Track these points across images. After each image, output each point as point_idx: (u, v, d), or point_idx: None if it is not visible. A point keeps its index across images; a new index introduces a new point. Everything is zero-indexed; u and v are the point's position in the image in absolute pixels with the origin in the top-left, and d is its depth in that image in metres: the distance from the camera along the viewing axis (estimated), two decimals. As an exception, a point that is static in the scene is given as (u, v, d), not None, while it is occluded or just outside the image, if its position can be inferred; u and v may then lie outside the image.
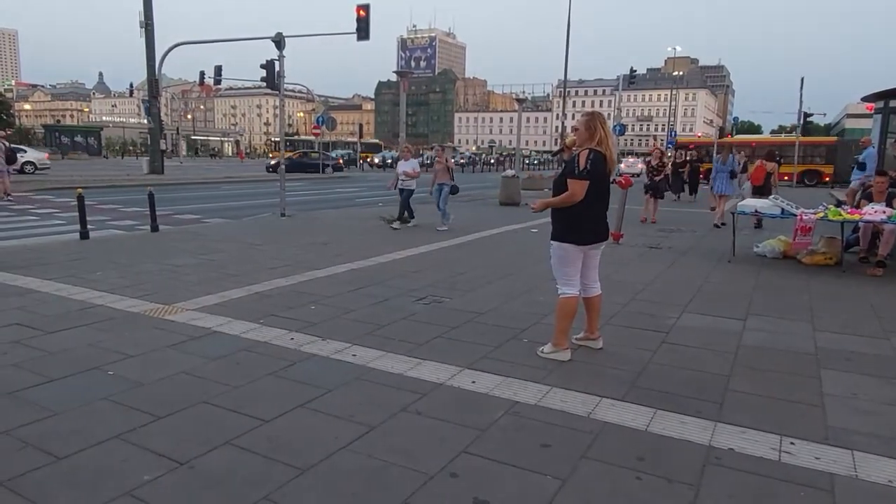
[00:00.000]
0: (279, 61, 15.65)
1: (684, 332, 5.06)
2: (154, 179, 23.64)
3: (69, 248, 8.70)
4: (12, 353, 4.15)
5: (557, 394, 3.69)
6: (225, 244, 9.09)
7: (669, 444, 3.08)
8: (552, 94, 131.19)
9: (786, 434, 3.19)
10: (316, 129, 41.18)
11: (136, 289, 6.10)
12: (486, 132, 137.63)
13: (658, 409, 3.47)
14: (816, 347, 4.73)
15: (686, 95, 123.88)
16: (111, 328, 4.80)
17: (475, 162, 55.49)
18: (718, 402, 3.63)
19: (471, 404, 3.53)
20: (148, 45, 27.60)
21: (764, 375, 4.11)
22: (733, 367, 4.26)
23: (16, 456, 2.82)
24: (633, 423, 3.30)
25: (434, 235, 10.43)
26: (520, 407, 3.50)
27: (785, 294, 6.60)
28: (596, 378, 3.97)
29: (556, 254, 4.31)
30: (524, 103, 22.63)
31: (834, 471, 2.85)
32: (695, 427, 3.27)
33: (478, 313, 5.47)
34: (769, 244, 9.03)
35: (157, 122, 29.43)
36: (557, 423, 3.29)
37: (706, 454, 2.99)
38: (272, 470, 2.75)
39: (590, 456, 2.95)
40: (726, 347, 4.67)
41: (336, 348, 4.42)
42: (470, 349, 4.47)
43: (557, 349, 4.31)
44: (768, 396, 3.75)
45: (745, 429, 3.25)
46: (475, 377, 3.93)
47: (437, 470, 2.77)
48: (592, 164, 4.06)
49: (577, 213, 4.17)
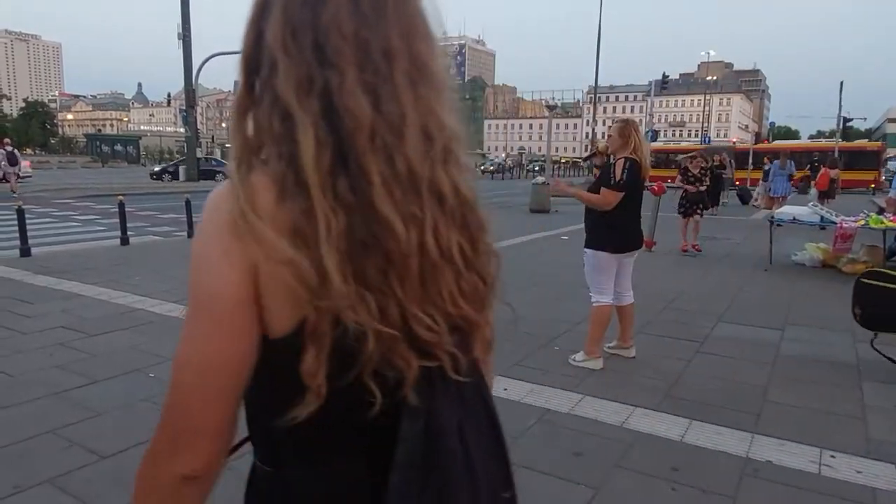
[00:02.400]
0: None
1: (720, 342, 4.98)
2: (190, 187, 24.22)
3: (110, 253, 8.97)
4: (58, 355, 4.30)
5: (590, 402, 3.67)
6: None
7: (705, 456, 3.04)
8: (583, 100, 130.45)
9: (826, 447, 3.12)
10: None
11: (173, 293, 6.26)
12: (516, 139, 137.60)
13: (693, 420, 3.42)
14: (858, 358, 4.60)
15: (720, 100, 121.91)
16: (151, 331, 4.94)
17: (503, 170, 55.36)
18: (756, 413, 3.56)
19: (503, 411, 3.47)
20: (185, 56, 28.32)
21: (803, 386, 4.02)
22: (771, 377, 4.17)
23: (62, 455, 2.93)
24: (667, 434, 3.27)
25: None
26: (552, 415, 3.49)
27: (824, 303, 6.44)
28: (629, 387, 3.94)
29: (589, 261, 4.29)
30: (554, 110, 22.57)
31: (876, 485, 2.77)
32: (731, 438, 3.21)
33: (509, 321, 5.45)
34: (808, 252, 8.82)
35: (193, 130, 30.15)
36: (590, 432, 3.27)
37: (743, 466, 2.94)
38: (307, 473, 2.79)
39: (623, 465, 2.93)
40: (764, 358, 4.58)
41: (368, 354, 4.46)
42: (501, 356, 4.46)
43: (590, 358, 4.28)
44: (808, 408, 3.66)
45: (783, 441, 3.19)
46: (507, 384, 3.93)
47: (469, 476, 2.78)
48: (629, 175, 4.05)
49: (610, 221, 4.15)
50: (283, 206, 0.66)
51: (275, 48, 0.68)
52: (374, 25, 0.68)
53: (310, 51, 0.67)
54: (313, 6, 0.68)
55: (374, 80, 0.67)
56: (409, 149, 0.68)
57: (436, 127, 0.71)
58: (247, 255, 0.66)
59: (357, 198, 0.66)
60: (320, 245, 0.64)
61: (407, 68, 0.69)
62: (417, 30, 0.71)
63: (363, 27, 0.68)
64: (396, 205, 0.67)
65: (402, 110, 0.68)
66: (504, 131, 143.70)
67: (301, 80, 0.67)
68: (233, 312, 0.67)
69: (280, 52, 0.68)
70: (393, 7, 0.70)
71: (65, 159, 63.55)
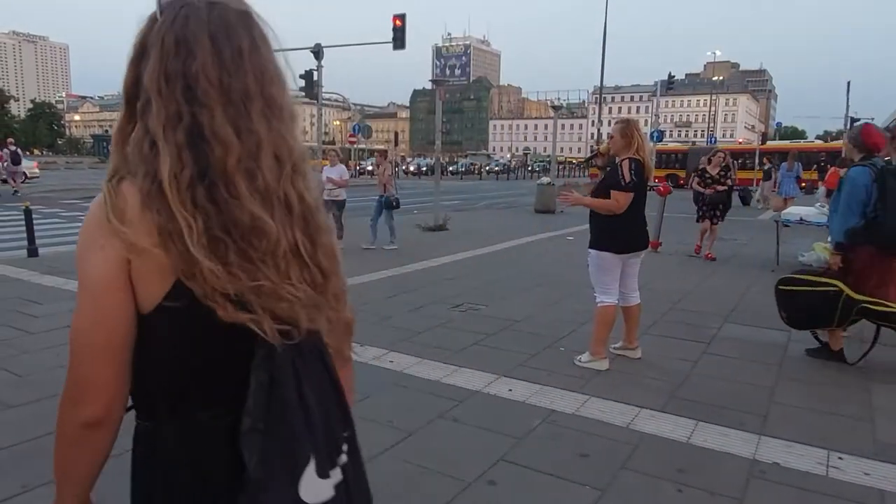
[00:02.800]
0: (318, 71, 16.00)
1: (726, 343, 4.96)
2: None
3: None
4: (65, 355, 4.29)
5: (595, 403, 3.66)
6: None
7: (711, 457, 3.03)
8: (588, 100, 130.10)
9: (833, 448, 3.10)
10: (352, 137, 41.75)
11: (180, 294, 6.28)
12: (521, 139, 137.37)
13: (699, 421, 3.41)
14: (865, 360, 4.57)
15: (727, 100, 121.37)
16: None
17: (508, 170, 55.32)
18: (762, 414, 3.55)
19: (508, 412, 3.53)
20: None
21: (810, 388, 4.00)
22: (778, 378, 4.15)
23: (70, 453, 2.94)
24: (673, 435, 3.26)
25: (467, 242, 10.45)
26: (557, 416, 3.49)
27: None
28: (635, 388, 3.93)
29: (594, 262, 4.28)
30: (559, 110, 22.56)
31: (884, 487, 2.76)
32: (738, 440, 3.20)
33: (514, 321, 5.46)
34: (815, 253, 8.76)
35: (199, 131, 30.24)
36: (596, 433, 3.27)
37: (750, 467, 2.92)
38: (313, 473, 2.80)
39: (629, 467, 2.92)
40: (770, 359, 4.56)
41: (374, 354, 4.47)
42: (506, 357, 4.47)
43: (595, 358, 4.27)
44: (815, 409, 3.65)
45: (790, 442, 3.17)
46: (512, 385, 3.93)
47: (474, 477, 2.78)
48: (635, 174, 4.04)
49: (615, 222, 4.15)
50: (147, 211, 0.84)
51: (150, 90, 0.86)
52: (234, 73, 0.87)
53: (180, 93, 0.85)
54: (184, 58, 0.86)
55: (235, 116, 0.87)
56: (264, 169, 0.88)
57: (285, 151, 0.91)
58: (117, 249, 0.85)
59: (217, 206, 0.84)
60: (186, 239, 0.82)
61: (261, 106, 0.89)
62: (269, 76, 0.91)
63: (225, 75, 0.87)
64: (263, 209, 0.87)
65: (258, 139, 0.88)
66: (509, 132, 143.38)
67: (170, 117, 0.85)
68: (109, 292, 0.86)
69: (154, 94, 0.86)
70: (248, 59, 0.89)
71: (72, 160, 63.96)
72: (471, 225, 13.67)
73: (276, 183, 0.89)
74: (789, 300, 4.55)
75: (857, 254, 4.33)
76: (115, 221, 0.84)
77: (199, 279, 0.83)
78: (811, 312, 4.45)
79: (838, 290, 4.26)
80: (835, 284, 4.29)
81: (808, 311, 4.45)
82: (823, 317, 4.38)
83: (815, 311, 4.41)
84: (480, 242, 10.59)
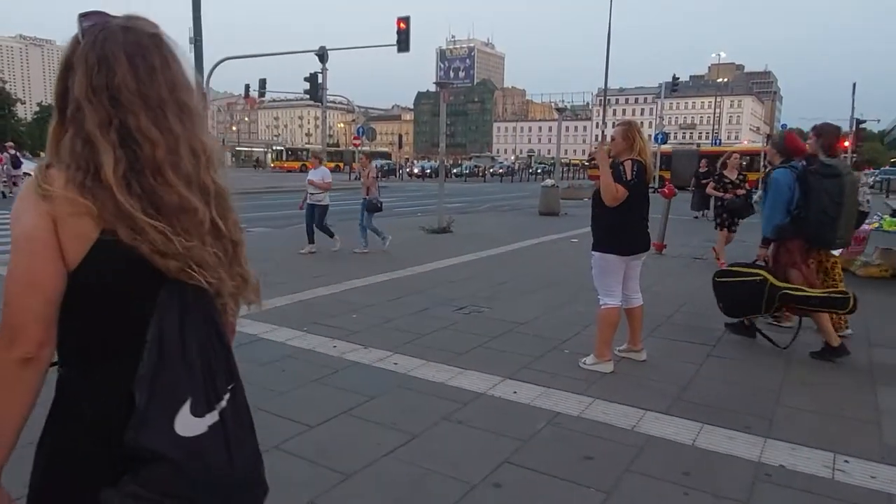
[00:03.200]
0: (322, 74, 16.05)
1: (731, 345, 4.94)
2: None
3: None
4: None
5: (600, 406, 3.65)
6: (269, 253, 9.30)
7: (717, 460, 3.02)
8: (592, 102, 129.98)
9: (839, 451, 3.09)
10: (356, 139, 41.85)
11: (185, 296, 6.30)
12: (525, 141, 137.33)
13: (704, 424, 3.40)
14: (871, 363, 4.56)
15: (731, 102, 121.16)
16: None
17: (512, 172, 55.34)
18: (768, 417, 3.53)
19: (512, 414, 3.53)
20: (197, 60, 28.35)
21: (816, 390, 3.98)
22: (783, 381, 4.14)
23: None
24: (678, 438, 3.25)
25: (470, 245, 10.46)
26: (562, 418, 3.48)
27: (837, 307, 6.38)
28: (640, 390, 3.92)
29: (597, 264, 4.28)
30: (563, 112, 22.55)
31: (891, 490, 2.74)
32: (743, 442, 3.19)
33: (518, 323, 5.46)
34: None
35: (204, 134, 30.32)
36: (600, 436, 3.26)
37: (755, 470, 2.91)
38: (318, 474, 2.80)
39: (634, 469, 2.91)
40: (776, 361, 4.55)
41: (378, 356, 4.47)
42: (511, 359, 4.47)
43: (600, 360, 4.27)
44: (821, 412, 3.63)
45: (796, 445, 3.16)
46: (516, 387, 3.93)
47: (479, 479, 2.78)
48: (637, 175, 4.06)
49: (617, 224, 4.15)
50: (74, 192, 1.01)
51: (81, 100, 1.04)
52: (149, 84, 1.06)
53: (107, 102, 1.04)
54: (106, 73, 1.04)
55: (155, 118, 1.06)
56: (185, 161, 1.08)
57: (199, 146, 1.11)
58: (45, 213, 1.01)
59: (150, 191, 1.04)
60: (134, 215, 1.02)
61: (175, 111, 1.08)
62: (179, 85, 1.10)
63: (142, 85, 1.06)
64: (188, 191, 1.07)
65: (176, 137, 1.07)
66: (513, 134, 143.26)
67: (102, 121, 1.03)
68: (40, 246, 1.01)
69: (85, 103, 1.04)
70: (160, 72, 1.08)
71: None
72: (475, 227, 13.68)
73: (194, 172, 1.09)
74: (724, 291, 4.89)
75: (783, 247, 4.79)
76: (44, 192, 1.02)
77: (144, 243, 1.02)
78: (742, 301, 4.80)
79: (763, 278, 4.63)
80: (760, 274, 4.66)
81: (740, 300, 4.81)
82: (753, 305, 4.72)
83: (745, 300, 4.77)
84: (484, 245, 10.59)
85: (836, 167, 4.69)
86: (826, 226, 4.59)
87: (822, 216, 4.57)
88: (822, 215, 4.57)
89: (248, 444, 1.15)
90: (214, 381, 1.07)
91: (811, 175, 4.67)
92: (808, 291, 4.54)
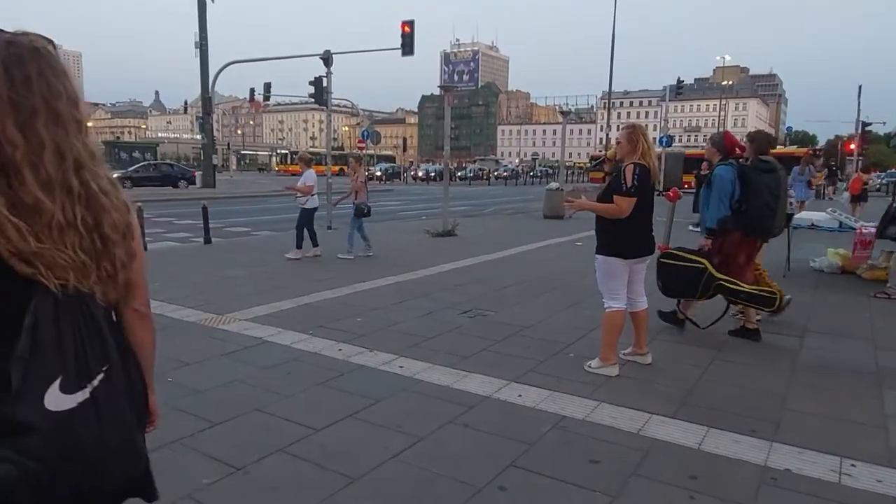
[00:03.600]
0: (327, 77, 16.07)
1: (737, 349, 4.93)
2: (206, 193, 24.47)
3: (129, 259, 9.07)
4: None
5: (606, 409, 3.65)
6: (274, 256, 9.33)
7: (723, 464, 3.02)
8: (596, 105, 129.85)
9: (846, 455, 3.08)
10: (361, 142, 41.95)
11: (191, 299, 6.33)
12: (529, 145, 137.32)
13: (710, 428, 3.40)
14: (878, 366, 4.54)
15: (736, 105, 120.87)
16: (170, 336, 4.99)
17: (517, 175, 55.35)
18: (774, 421, 3.53)
19: (517, 418, 3.53)
20: (202, 65, 28.65)
21: (822, 394, 3.97)
22: (789, 385, 4.13)
23: (84, 457, 2.97)
24: (684, 441, 3.24)
25: (475, 248, 10.46)
26: (567, 422, 3.48)
27: (844, 311, 6.36)
28: (645, 394, 3.92)
29: (601, 268, 4.28)
30: (568, 115, 22.53)
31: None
32: (749, 446, 3.18)
33: (523, 327, 5.46)
34: (827, 259, 8.72)
35: (210, 137, 30.43)
36: (606, 440, 3.26)
37: (762, 474, 2.91)
38: (324, 478, 2.81)
39: (640, 473, 2.91)
40: (782, 365, 4.54)
41: (383, 360, 4.48)
42: (516, 363, 4.47)
43: (605, 364, 4.27)
44: (827, 416, 3.62)
45: (802, 449, 3.15)
46: (521, 391, 3.93)
47: (485, 483, 2.78)
48: (639, 180, 4.05)
49: (622, 227, 4.14)
50: None
51: None
52: (23, 93, 1.13)
53: None
54: None
55: (24, 125, 1.13)
56: (46, 163, 1.14)
57: (68, 149, 1.17)
58: None
59: (10, 190, 1.11)
60: None
61: (48, 119, 1.15)
62: (55, 93, 1.17)
63: (14, 94, 1.12)
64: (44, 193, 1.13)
65: (41, 142, 1.14)
66: (517, 137, 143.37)
67: None
68: None
69: None
70: (36, 82, 1.15)
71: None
72: (479, 231, 13.68)
73: (57, 173, 1.16)
74: (666, 272, 5.20)
75: (726, 238, 5.13)
76: None
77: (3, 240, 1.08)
78: (681, 284, 5.14)
79: (704, 267, 4.99)
80: (702, 262, 5.02)
81: (679, 282, 5.14)
82: (690, 289, 5.09)
83: (683, 284, 5.11)
84: (489, 248, 10.59)
85: (772, 162, 5.21)
86: (767, 217, 5.07)
87: (764, 209, 5.03)
88: (764, 208, 5.03)
89: (123, 420, 1.22)
90: (87, 362, 1.16)
91: (750, 170, 5.15)
92: (741, 286, 4.91)
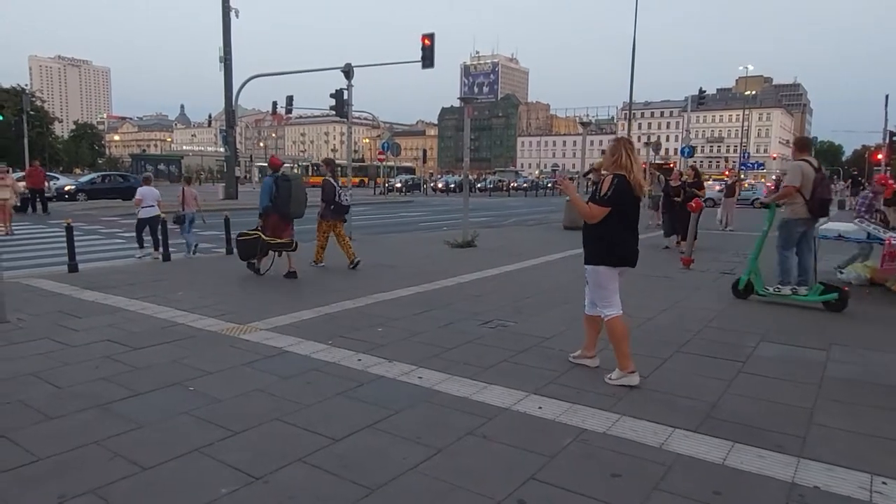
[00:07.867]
0: (347, 90, 16.26)
1: (762, 362, 4.83)
2: (229, 204, 24.80)
3: (153, 269, 9.23)
4: (103, 368, 4.43)
5: (627, 422, 3.60)
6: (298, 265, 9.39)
7: (748, 480, 2.94)
8: (617, 116, 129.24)
9: (877, 472, 2.99)
10: (381, 154, 42.24)
11: (213, 308, 6.40)
12: (549, 156, 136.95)
13: (735, 443, 3.32)
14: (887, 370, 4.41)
15: (760, 115, 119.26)
16: (192, 346, 5.05)
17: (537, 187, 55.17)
18: (801, 436, 3.44)
19: (538, 430, 3.50)
20: (226, 79, 29.17)
21: (851, 409, 3.87)
22: (817, 399, 4.03)
23: (108, 465, 3.00)
24: (708, 456, 3.18)
25: (495, 259, 10.43)
26: (588, 434, 3.43)
27: (872, 323, 6.21)
28: (668, 408, 3.85)
29: (591, 278, 4.38)
30: (588, 126, 22.47)
31: (934, 515, 2.64)
32: (776, 462, 3.11)
33: (543, 338, 5.42)
34: (854, 269, 8.53)
35: (232, 150, 30.93)
36: (628, 453, 3.21)
37: (789, 491, 2.83)
38: (342, 488, 2.80)
39: (663, 488, 2.86)
40: (809, 379, 4.43)
41: (402, 370, 4.48)
42: (536, 374, 4.43)
43: (625, 374, 4.23)
44: (857, 432, 3.52)
45: (831, 465, 3.07)
46: (542, 403, 3.89)
47: (504, 496, 2.75)
48: (615, 191, 4.15)
49: (606, 238, 4.25)
50: None
51: None
52: None
53: None
54: None
55: None
56: None
57: None
58: None
59: None
60: None
61: None
62: None
63: None
64: None
65: None
66: (537, 148, 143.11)
67: None
68: None
69: None
70: None
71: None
72: (499, 242, 13.65)
73: None
74: (239, 245, 8.57)
75: (270, 218, 8.49)
76: None
77: None
78: (248, 250, 8.51)
79: (258, 237, 8.42)
80: (258, 234, 8.43)
81: (247, 249, 8.50)
82: (254, 252, 8.52)
83: (250, 249, 8.51)
84: (509, 259, 10.56)
85: (288, 176, 8.71)
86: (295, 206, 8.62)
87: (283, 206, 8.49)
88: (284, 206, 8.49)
89: None
90: None
91: (280, 179, 8.50)
92: (272, 240, 8.42)
